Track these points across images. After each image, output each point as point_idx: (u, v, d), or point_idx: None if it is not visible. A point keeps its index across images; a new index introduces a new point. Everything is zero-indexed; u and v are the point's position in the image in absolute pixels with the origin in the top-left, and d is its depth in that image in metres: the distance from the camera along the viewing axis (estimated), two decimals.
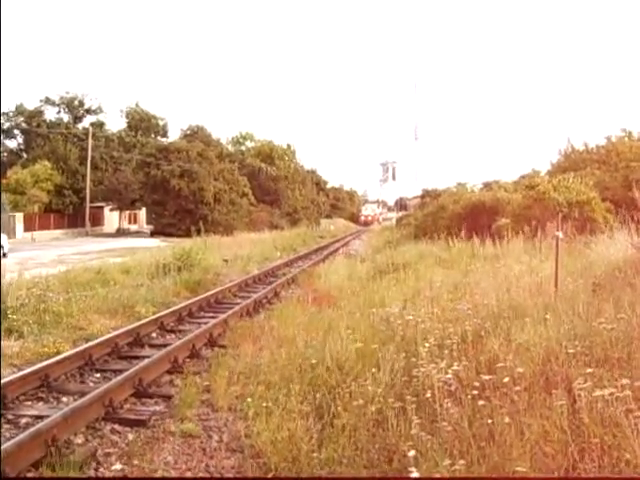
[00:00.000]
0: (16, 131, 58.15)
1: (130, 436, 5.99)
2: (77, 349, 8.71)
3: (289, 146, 79.33)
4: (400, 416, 4.90)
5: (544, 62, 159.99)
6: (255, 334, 9.71)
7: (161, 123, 68.64)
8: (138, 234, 54.16)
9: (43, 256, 25.38)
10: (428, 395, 4.91)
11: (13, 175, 48.93)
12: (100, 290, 13.65)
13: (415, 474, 3.79)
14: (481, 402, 4.49)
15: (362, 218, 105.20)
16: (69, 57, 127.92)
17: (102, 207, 58.13)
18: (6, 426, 6.12)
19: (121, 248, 31.08)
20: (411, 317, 7.35)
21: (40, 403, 6.98)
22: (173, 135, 70.08)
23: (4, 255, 23.84)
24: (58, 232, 49.12)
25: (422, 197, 60.18)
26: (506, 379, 4.61)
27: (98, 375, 8.21)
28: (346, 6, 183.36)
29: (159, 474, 5.17)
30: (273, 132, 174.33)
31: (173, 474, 5.22)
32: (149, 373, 7.67)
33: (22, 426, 6.12)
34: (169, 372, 8.24)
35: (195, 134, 67.19)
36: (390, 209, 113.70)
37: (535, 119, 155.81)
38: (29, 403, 6.94)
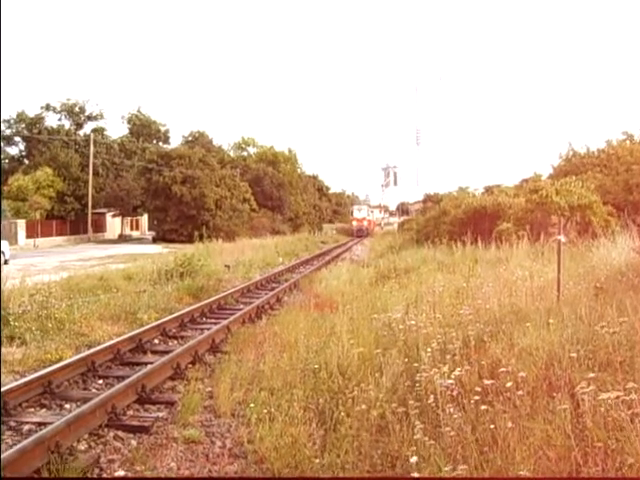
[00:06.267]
0: (17, 138, 58.34)
1: (133, 442, 5.99)
2: (79, 355, 8.71)
3: (290, 151, 79.54)
4: (403, 421, 4.90)
5: (546, 66, 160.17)
6: (257, 340, 9.72)
7: (163, 129, 68.83)
8: (140, 240, 54.22)
9: (45, 263, 25.41)
10: (431, 400, 4.91)
11: (15, 182, 48.98)
12: (102, 296, 13.66)
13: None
14: (484, 407, 4.49)
15: (354, 224, 76.17)
16: (70, 64, 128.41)
17: (104, 213, 58.19)
18: (9, 433, 6.12)
19: (123, 254, 31.12)
20: (413, 322, 7.35)
21: (43, 410, 6.98)
22: (175, 141, 70.29)
23: (6, 262, 23.86)
24: (60, 239, 49.17)
25: (424, 202, 60.18)
26: (509, 384, 4.60)
27: (101, 381, 8.21)
28: (348, 12, 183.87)
29: None
30: (275, 137, 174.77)
31: None
32: (152, 379, 7.66)
33: (25, 433, 6.13)
34: (172, 378, 8.23)
35: (196, 140, 67.33)
36: (392, 214, 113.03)
37: (536, 123, 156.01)
38: (32, 410, 6.94)
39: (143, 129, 65.90)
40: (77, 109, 59.89)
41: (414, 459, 4.05)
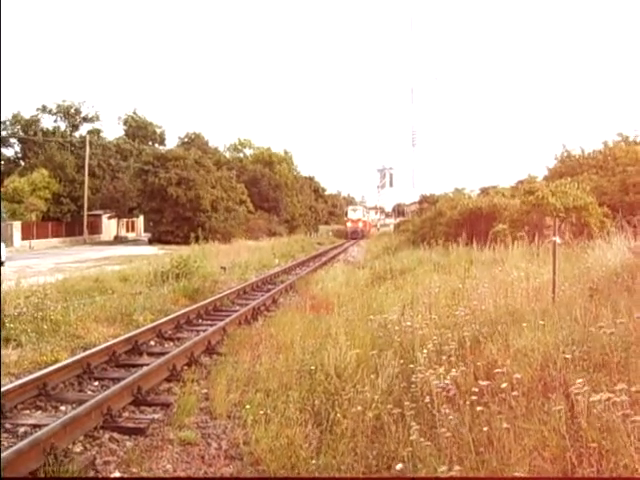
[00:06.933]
0: (13, 140, 58.21)
1: (129, 444, 5.98)
2: (75, 357, 8.69)
3: (286, 152, 79.57)
4: (399, 422, 4.91)
5: (540, 68, 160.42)
6: (253, 341, 9.72)
7: (159, 131, 68.82)
8: (136, 242, 54.18)
9: (41, 264, 25.37)
10: (426, 401, 4.92)
11: (11, 183, 48.88)
12: (98, 298, 13.65)
13: None
14: (479, 408, 4.50)
15: (349, 225, 75.21)
16: (66, 65, 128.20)
17: (100, 215, 58.13)
18: (4, 435, 6.11)
19: (119, 256, 31.07)
20: (409, 323, 7.37)
21: (38, 412, 6.96)
22: (171, 143, 70.28)
23: (1, 264, 23.78)
24: (56, 240, 49.10)
25: (420, 203, 60.16)
26: (504, 385, 4.61)
27: (96, 383, 8.19)
28: (343, 12, 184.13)
29: None
30: (271, 139, 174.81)
31: None
32: (147, 381, 7.66)
33: (20, 435, 6.12)
34: (167, 380, 8.22)
35: (192, 141, 67.32)
36: (388, 215, 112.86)
37: (532, 124, 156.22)
38: (27, 412, 6.92)
39: (139, 130, 65.91)
40: (73, 111, 59.83)
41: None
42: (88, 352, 9.00)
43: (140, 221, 64.91)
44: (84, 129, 60.67)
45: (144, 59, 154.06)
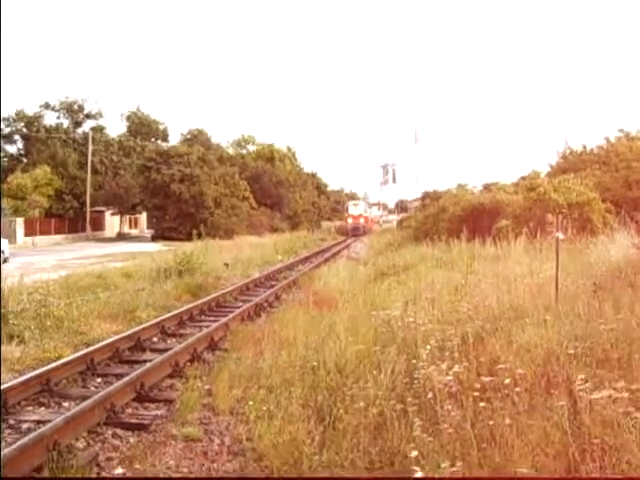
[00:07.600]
0: (16, 136, 58.14)
1: (132, 440, 6.00)
2: (78, 354, 8.71)
3: (289, 149, 79.42)
4: (401, 418, 4.91)
5: (542, 64, 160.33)
6: (256, 337, 9.72)
7: (161, 127, 68.69)
8: (139, 238, 54.21)
9: (44, 261, 25.38)
10: (429, 397, 4.91)
11: (14, 180, 48.89)
12: (101, 295, 13.67)
13: (419, 473, 3.80)
14: (482, 404, 4.49)
15: (350, 221, 71.75)
16: (69, 62, 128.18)
17: (103, 211, 58.11)
18: (8, 431, 6.13)
19: (122, 252, 31.09)
20: (412, 319, 7.36)
21: (42, 408, 6.98)
22: (173, 139, 70.18)
23: (5, 260, 23.82)
24: (59, 237, 49.11)
25: (422, 199, 60.01)
26: (507, 380, 4.61)
27: (99, 380, 8.21)
28: (346, 9, 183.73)
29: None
30: (274, 135, 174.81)
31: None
32: (150, 377, 7.67)
33: (24, 431, 6.13)
34: (170, 376, 8.24)
35: (195, 138, 67.21)
36: (391, 211, 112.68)
37: (534, 120, 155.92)
38: (31, 408, 6.95)
39: (142, 127, 65.77)
40: (76, 107, 59.70)
41: (414, 453, 4.06)
42: (91, 348, 9.03)
43: (143, 217, 64.87)
44: (87, 126, 60.50)
45: (147, 56, 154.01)
